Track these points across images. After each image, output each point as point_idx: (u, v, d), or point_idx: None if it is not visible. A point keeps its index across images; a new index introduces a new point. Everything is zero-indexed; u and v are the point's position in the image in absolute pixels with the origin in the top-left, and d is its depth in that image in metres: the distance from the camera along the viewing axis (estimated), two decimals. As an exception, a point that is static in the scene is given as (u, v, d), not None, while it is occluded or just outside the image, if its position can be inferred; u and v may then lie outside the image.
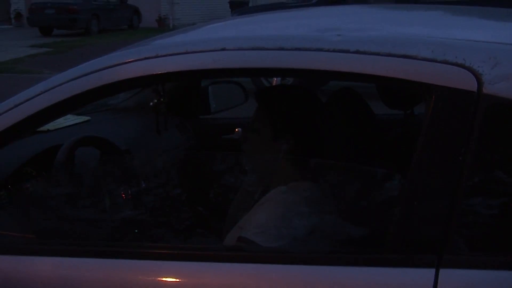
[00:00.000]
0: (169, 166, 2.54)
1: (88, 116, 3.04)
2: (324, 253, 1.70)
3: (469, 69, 1.57)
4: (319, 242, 1.98)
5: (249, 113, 2.34)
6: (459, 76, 1.57)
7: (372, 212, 1.95)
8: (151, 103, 2.76)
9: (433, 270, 1.51)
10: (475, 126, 1.53)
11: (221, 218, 2.26)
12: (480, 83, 1.55)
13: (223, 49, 1.81)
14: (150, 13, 26.73)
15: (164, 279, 1.69)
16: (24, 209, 2.26)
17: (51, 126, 2.69)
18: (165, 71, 1.91)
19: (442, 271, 1.50)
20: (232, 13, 16.19)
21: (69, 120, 2.87)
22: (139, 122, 2.97)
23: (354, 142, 2.20)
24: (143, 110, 2.77)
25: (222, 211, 2.29)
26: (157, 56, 1.88)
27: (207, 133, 3.17)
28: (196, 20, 19.99)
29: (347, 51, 1.69)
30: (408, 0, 10.13)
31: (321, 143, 2.14)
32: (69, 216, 2.27)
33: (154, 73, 1.90)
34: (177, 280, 1.69)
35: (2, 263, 1.81)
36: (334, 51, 1.71)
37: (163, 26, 25.97)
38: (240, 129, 2.85)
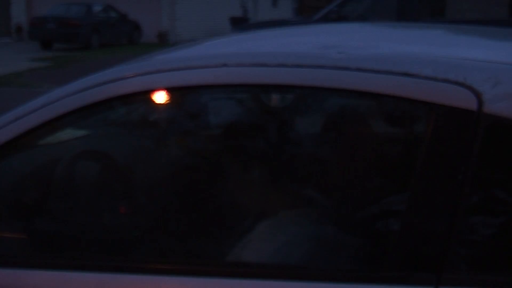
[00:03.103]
0: (168, 181, 2.53)
1: (88, 130, 3.03)
2: (322, 270, 1.70)
3: (470, 88, 1.57)
4: (317, 258, 1.97)
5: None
6: (459, 95, 1.57)
7: (371, 230, 1.95)
8: (151, 118, 2.76)
9: (432, 289, 1.50)
10: (475, 145, 1.53)
11: (222, 233, 2.25)
12: (480, 102, 1.55)
13: (224, 65, 1.82)
14: (151, 28, 26.80)
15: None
16: (23, 223, 2.26)
17: (51, 139, 2.68)
18: (166, 86, 1.91)
19: (441, 290, 1.50)
20: (233, 29, 16.26)
21: (69, 134, 2.86)
22: (139, 137, 2.96)
23: (354, 160, 2.20)
24: (143, 125, 2.76)
25: (223, 227, 2.28)
26: (158, 71, 1.88)
27: (207, 149, 3.16)
28: (196, 36, 20.07)
29: (348, 69, 1.70)
30: (409, 19, 10.18)
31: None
32: (69, 230, 2.26)
33: (155, 87, 1.91)
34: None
35: (1, 276, 1.80)
36: (335, 68, 1.71)
37: (163, 42, 26.03)
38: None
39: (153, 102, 2.09)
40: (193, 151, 2.76)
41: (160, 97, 2.02)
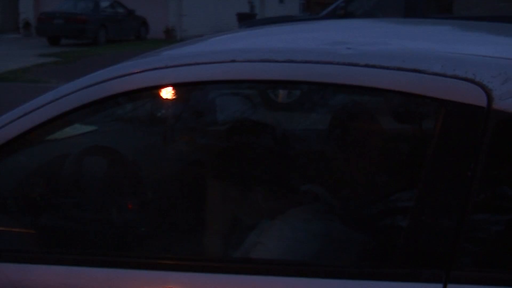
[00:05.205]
0: (176, 177, 2.53)
1: (96, 126, 3.04)
2: (331, 266, 1.70)
3: (479, 84, 1.56)
4: (325, 255, 1.97)
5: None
6: (469, 91, 1.56)
7: (380, 227, 1.94)
8: (159, 114, 2.76)
9: (440, 286, 1.50)
10: (485, 141, 1.52)
11: (228, 229, 2.25)
12: (490, 98, 1.54)
13: (233, 61, 1.81)
14: (158, 24, 26.81)
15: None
16: (31, 218, 2.26)
17: (58, 135, 2.69)
18: (174, 82, 1.91)
19: (450, 287, 1.49)
20: (240, 25, 16.25)
21: (76, 129, 2.87)
22: (147, 133, 2.97)
23: (362, 156, 2.20)
24: (150, 121, 2.76)
25: (229, 223, 2.28)
26: (166, 67, 1.88)
27: (215, 145, 3.16)
28: (203, 32, 20.06)
29: (357, 65, 1.69)
30: (416, 15, 10.15)
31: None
32: (76, 225, 2.27)
33: (163, 83, 1.91)
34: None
35: (10, 271, 1.81)
36: (343, 64, 1.71)
37: (170, 38, 26.04)
38: None
39: (160, 98, 2.09)
40: (200, 147, 2.76)
41: (168, 93, 2.02)
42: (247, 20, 17.57)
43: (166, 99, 2.10)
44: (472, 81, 1.57)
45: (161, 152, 2.79)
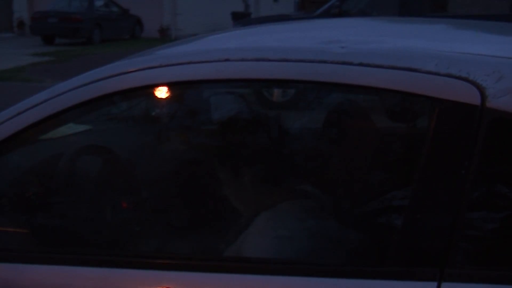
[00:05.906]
0: (169, 175, 2.53)
1: (90, 125, 3.03)
2: (325, 265, 1.70)
3: (473, 82, 1.57)
4: (319, 253, 1.97)
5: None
6: (462, 90, 1.57)
7: (374, 225, 1.95)
8: (153, 113, 2.76)
9: (435, 284, 1.50)
10: (479, 139, 1.52)
11: (223, 228, 2.25)
12: (484, 96, 1.54)
13: (227, 60, 1.81)
14: (152, 23, 26.76)
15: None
16: (26, 217, 2.26)
17: (53, 134, 2.68)
18: (168, 81, 1.91)
19: (444, 285, 1.50)
20: (234, 24, 16.22)
21: (71, 128, 2.86)
22: (141, 132, 2.97)
23: (357, 155, 2.20)
24: (145, 120, 2.76)
25: (223, 222, 2.28)
26: (160, 66, 1.88)
27: (208, 144, 3.16)
28: (198, 31, 20.01)
29: (351, 63, 1.69)
30: (411, 14, 10.16)
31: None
32: (71, 224, 2.27)
33: (157, 82, 1.91)
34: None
35: (4, 271, 1.80)
36: (337, 63, 1.71)
37: (165, 37, 25.99)
38: None
39: (155, 97, 2.09)
40: (194, 146, 2.76)
41: (162, 92, 2.02)
42: (241, 19, 17.55)
43: (161, 98, 2.10)
44: (466, 79, 1.58)
45: (156, 151, 2.78)
